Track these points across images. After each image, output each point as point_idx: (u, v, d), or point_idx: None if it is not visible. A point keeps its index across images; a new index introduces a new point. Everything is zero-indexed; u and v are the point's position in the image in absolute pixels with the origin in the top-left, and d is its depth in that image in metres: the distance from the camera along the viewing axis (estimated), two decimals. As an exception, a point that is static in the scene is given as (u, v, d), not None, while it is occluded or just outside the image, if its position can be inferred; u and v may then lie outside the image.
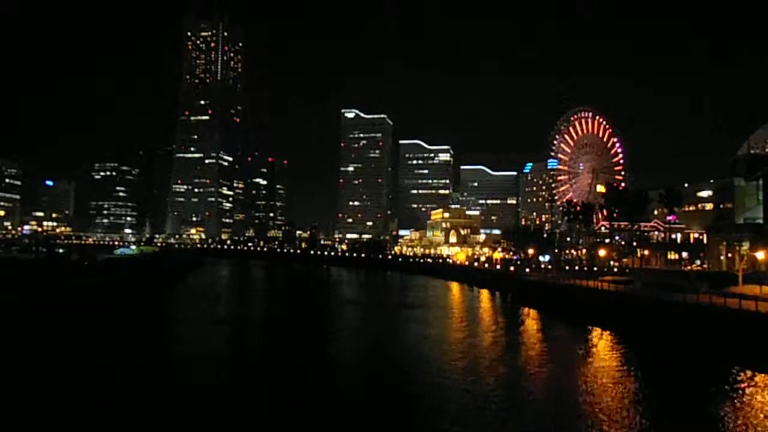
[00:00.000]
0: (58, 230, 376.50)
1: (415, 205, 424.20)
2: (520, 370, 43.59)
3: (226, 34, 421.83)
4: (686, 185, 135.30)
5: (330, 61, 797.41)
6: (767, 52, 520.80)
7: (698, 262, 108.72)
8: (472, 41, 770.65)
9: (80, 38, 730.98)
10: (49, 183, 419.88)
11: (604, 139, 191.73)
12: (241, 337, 59.57)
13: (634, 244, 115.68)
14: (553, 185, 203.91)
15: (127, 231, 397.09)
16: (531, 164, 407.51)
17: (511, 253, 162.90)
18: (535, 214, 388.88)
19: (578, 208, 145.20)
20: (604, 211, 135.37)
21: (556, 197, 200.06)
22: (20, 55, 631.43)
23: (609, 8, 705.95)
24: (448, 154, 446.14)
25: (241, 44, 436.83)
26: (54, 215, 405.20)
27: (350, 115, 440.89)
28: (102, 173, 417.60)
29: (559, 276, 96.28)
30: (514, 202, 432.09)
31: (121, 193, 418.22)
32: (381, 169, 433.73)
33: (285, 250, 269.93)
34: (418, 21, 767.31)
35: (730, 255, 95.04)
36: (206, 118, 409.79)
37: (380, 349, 52.78)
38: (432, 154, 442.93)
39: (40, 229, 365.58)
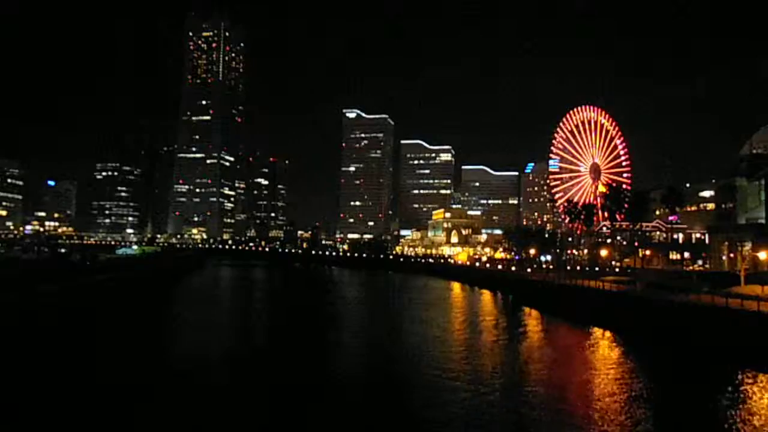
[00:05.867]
0: (60, 230, 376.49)
1: (416, 205, 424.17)
2: (522, 371, 43.50)
3: (227, 34, 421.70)
4: (688, 185, 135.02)
5: (330, 61, 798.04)
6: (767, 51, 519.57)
7: (700, 262, 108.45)
8: (473, 41, 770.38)
9: (81, 38, 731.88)
10: (51, 183, 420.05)
11: (606, 139, 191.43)
12: (241, 338, 59.53)
13: (636, 244, 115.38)
14: (554, 185, 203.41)
15: (129, 231, 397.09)
16: (532, 164, 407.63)
17: (513, 254, 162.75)
18: (536, 214, 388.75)
19: (579, 207, 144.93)
20: (605, 212, 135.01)
21: (556, 197, 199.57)
22: (20, 53, 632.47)
23: (609, 8, 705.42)
24: (450, 154, 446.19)
25: (242, 44, 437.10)
26: (56, 215, 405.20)
27: (351, 115, 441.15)
28: (104, 173, 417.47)
29: (561, 276, 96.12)
30: (515, 202, 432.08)
31: (122, 193, 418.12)
32: (382, 169, 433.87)
33: (286, 250, 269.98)
34: (418, 21, 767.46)
35: (732, 255, 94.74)
36: (208, 118, 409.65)
37: (382, 350, 52.76)
38: (433, 154, 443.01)
39: (42, 229, 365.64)
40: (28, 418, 30.01)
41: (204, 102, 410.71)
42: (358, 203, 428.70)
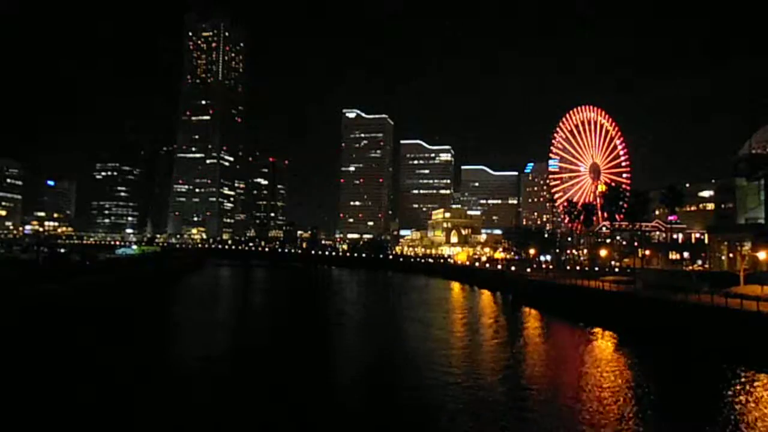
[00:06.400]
0: (59, 230, 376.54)
1: (416, 205, 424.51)
2: (522, 370, 43.51)
3: (227, 34, 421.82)
4: (687, 185, 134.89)
5: (330, 61, 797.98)
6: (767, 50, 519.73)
7: (699, 262, 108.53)
8: (472, 41, 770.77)
9: (81, 38, 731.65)
10: (51, 183, 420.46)
11: (606, 139, 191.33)
12: (240, 339, 59.47)
13: (635, 244, 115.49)
14: (553, 185, 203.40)
15: (129, 231, 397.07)
16: (532, 164, 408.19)
17: (512, 253, 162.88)
18: (536, 214, 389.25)
19: (579, 207, 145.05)
20: (605, 212, 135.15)
21: (556, 197, 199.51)
22: (20, 53, 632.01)
23: (609, 7, 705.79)
24: (449, 154, 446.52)
25: (242, 44, 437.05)
26: (55, 215, 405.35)
27: (351, 115, 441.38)
28: (103, 173, 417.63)
29: (560, 276, 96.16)
30: (515, 202, 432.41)
31: (122, 193, 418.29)
32: (382, 169, 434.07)
33: (286, 250, 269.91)
34: (418, 21, 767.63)
35: (731, 255, 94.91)
36: (207, 118, 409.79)
37: (381, 350, 52.72)
38: (433, 154, 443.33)
39: (41, 229, 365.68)
40: (28, 419, 30.01)
41: (203, 102, 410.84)
42: (357, 203, 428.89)
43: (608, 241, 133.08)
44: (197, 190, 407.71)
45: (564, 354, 50.76)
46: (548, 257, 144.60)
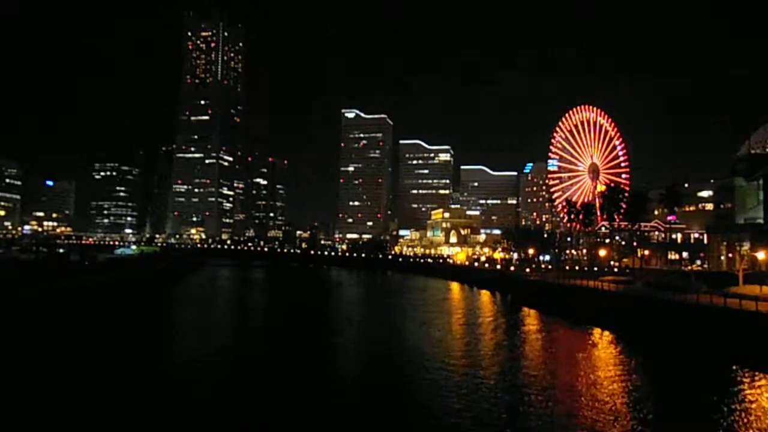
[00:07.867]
0: (58, 230, 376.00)
1: (415, 205, 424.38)
2: (521, 371, 43.49)
3: (226, 34, 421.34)
4: (686, 185, 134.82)
5: (330, 61, 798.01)
6: (766, 51, 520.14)
7: (698, 262, 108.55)
8: (472, 41, 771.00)
9: (80, 37, 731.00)
10: (50, 183, 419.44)
11: (605, 139, 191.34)
12: (239, 340, 59.47)
13: (635, 244, 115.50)
14: (552, 185, 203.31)
15: (128, 231, 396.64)
16: (531, 164, 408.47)
17: (511, 253, 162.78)
18: (535, 214, 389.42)
19: (578, 207, 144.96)
20: (604, 212, 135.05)
21: (555, 197, 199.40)
22: (19, 53, 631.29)
23: (609, 7, 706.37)
24: (448, 154, 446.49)
25: (241, 44, 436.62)
26: (54, 215, 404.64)
27: (350, 114, 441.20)
28: (102, 173, 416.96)
29: (560, 276, 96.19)
30: (514, 202, 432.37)
31: (121, 193, 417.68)
32: (381, 169, 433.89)
33: (285, 251, 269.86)
34: (418, 21, 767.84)
35: (730, 255, 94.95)
36: (206, 118, 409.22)
37: (380, 350, 52.72)
38: (432, 154, 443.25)
39: (40, 229, 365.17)
40: (26, 420, 29.97)
41: (202, 102, 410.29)
42: (356, 203, 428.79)
43: (607, 241, 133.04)
44: (196, 190, 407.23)
45: (563, 354, 50.78)
46: (547, 257, 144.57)
